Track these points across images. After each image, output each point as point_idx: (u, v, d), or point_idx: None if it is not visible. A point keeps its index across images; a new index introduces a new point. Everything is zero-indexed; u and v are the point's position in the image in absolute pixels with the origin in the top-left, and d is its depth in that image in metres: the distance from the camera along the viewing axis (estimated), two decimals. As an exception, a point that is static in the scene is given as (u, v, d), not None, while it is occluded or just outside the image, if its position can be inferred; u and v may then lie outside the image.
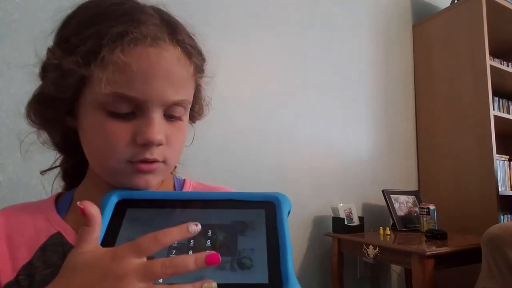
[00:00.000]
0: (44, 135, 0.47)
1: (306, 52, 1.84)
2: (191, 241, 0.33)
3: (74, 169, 0.51)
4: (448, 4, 2.20)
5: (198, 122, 0.54)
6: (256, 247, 0.33)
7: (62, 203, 0.47)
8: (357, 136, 1.97)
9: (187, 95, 0.43)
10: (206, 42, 0.47)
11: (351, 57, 2.01)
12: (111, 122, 0.39)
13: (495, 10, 1.99)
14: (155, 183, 0.43)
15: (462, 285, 1.74)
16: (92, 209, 0.32)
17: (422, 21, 2.27)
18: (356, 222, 1.72)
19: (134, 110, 0.39)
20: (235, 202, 0.38)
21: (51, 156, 0.51)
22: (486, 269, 1.20)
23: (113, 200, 0.38)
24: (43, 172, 0.51)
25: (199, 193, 0.44)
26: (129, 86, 0.37)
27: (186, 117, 0.45)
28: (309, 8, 1.88)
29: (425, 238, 1.56)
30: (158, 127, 0.39)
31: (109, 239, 0.33)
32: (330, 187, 1.83)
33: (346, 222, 1.65)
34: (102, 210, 0.34)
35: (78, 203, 0.32)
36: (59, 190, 0.53)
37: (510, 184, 2.07)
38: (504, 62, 2.27)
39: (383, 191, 1.86)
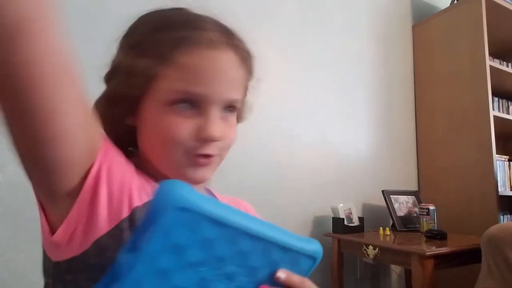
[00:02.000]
0: None
1: (306, 51, 1.84)
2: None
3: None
4: (448, 5, 2.20)
5: None
6: None
7: None
8: (357, 136, 1.97)
9: (240, 95, 0.47)
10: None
11: (351, 57, 2.01)
12: (176, 117, 0.42)
13: (495, 11, 1.99)
14: (209, 177, 0.47)
15: (462, 285, 1.74)
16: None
17: (422, 21, 2.27)
18: (356, 222, 1.72)
19: (195, 107, 0.43)
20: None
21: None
22: (486, 269, 1.20)
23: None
24: None
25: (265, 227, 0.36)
26: (195, 84, 0.42)
27: (235, 116, 0.49)
28: (309, 8, 1.88)
29: (425, 238, 1.56)
30: (218, 124, 0.43)
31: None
32: (330, 188, 1.83)
33: (346, 223, 1.65)
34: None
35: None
36: None
37: (510, 184, 2.07)
38: (504, 62, 2.27)
39: (383, 191, 1.86)
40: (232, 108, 0.46)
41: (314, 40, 1.88)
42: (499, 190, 1.79)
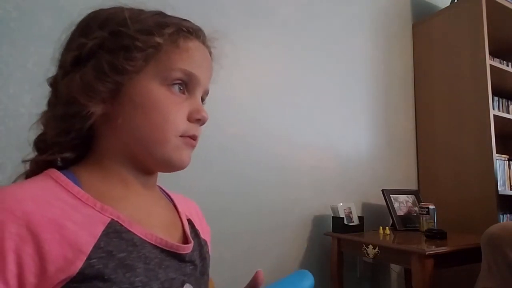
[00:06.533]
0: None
1: (305, 51, 1.84)
2: None
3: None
4: (448, 4, 2.20)
5: None
6: None
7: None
8: (357, 135, 1.97)
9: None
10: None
11: (351, 57, 2.01)
12: (170, 97, 0.44)
13: (495, 10, 1.99)
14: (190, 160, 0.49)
15: (461, 285, 1.74)
16: None
17: (422, 20, 2.26)
18: (355, 221, 1.72)
19: (185, 90, 0.46)
20: None
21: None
22: (485, 269, 1.20)
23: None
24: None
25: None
26: (194, 67, 0.45)
27: None
28: (309, 7, 1.87)
29: (424, 237, 1.56)
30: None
31: None
32: (330, 187, 1.83)
33: (345, 222, 1.65)
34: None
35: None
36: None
37: (510, 183, 2.07)
38: (504, 61, 2.27)
39: (382, 190, 1.86)
40: (203, 99, 0.51)
41: (314, 39, 1.87)
42: (499, 189, 1.79)
